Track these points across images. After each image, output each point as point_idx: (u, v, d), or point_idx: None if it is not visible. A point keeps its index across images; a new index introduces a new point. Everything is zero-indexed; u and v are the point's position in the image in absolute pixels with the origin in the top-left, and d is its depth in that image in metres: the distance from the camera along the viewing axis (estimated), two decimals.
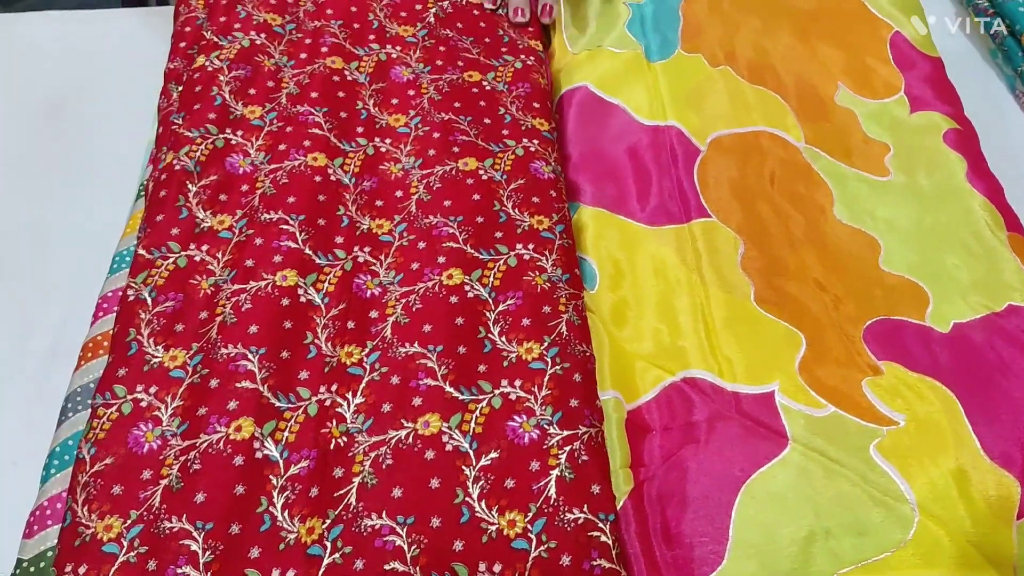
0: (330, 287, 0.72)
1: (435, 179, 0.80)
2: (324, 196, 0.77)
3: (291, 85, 0.85)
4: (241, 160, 0.79)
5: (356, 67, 0.88)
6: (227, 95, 0.83)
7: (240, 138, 0.80)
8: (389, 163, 0.82)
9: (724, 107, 0.88)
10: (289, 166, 0.78)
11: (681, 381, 0.70)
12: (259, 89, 0.85)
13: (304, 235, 0.74)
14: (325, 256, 0.74)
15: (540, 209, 0.77)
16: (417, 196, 0.79)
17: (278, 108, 0.83)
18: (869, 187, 0.83)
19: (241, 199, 0.76)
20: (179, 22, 0.94)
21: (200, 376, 0.65)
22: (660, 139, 0.86)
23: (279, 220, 0.74)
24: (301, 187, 0.77)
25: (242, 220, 0.75)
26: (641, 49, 0.93)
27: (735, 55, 0.93)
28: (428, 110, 0.86)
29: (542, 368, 0.67)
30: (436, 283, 0.72)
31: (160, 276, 0.71)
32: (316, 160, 0.79)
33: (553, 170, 0.81)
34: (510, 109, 0.86)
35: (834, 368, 0.70)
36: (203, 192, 0.77)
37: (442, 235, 0.75)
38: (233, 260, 0.72)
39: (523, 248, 0.74)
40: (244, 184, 0.77)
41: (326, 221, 0.76)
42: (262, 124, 0.82)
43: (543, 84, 0.90)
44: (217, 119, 0.81)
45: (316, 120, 0.82)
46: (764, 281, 0.76)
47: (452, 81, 0.89)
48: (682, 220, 0.80)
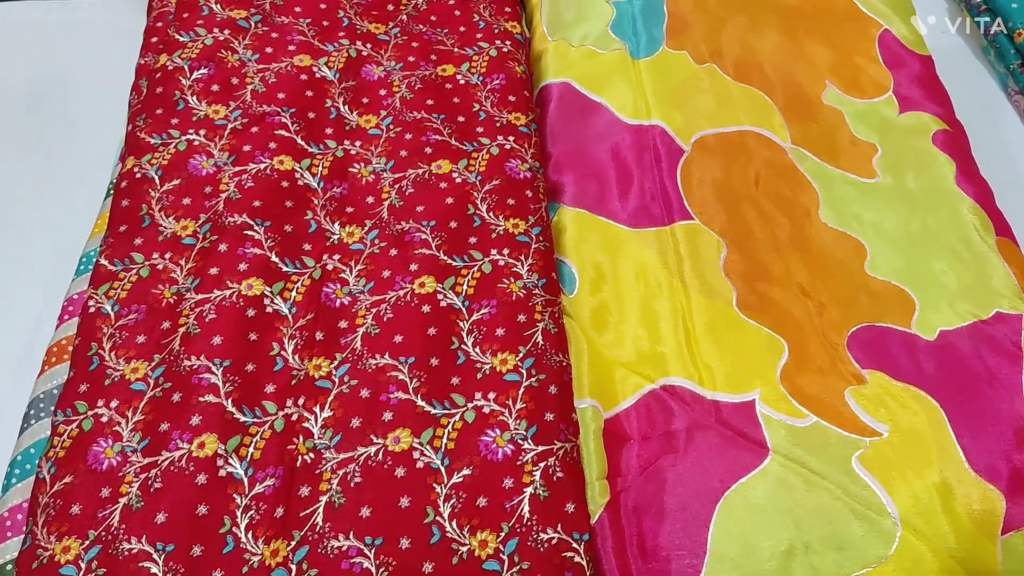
0: (298, 296, 0.70)
1: (407, 183, 0.77)
2: (291, 202, 0.75)
3: (256, 82, 0.83)
4: (204, 161, 0.77)
5: (325, 63, 0.86)
6: (189, 97, 0.81)
7: (203, 138, 0.78)
8: (359, 164, 0.79)
9: (709, 106, 0.86)
10: (254, 169, 0.76)
11: (660, 389, 0.68)
12: (223, 86, 0.82)
13: (270, 242, 0.72)
14: (292, 263, 0.72)
15: (516, 211, 0.75)
16: (389, 201, 0.76)
17: (243, 106, 0.81)
18: (856, 189, 0.81)
19: (204, 202, 0.74)
20: (152, 16, 0.92)
21: (162, 389, 0.63)
22: (643, 139, 0.84)
23: (244, 225, 0.72)
24: (267, 191, 0.75)
25: (206, 225, 0.73)
26: (625, 48, 0.91)
27: (721, 52, 0.91)
28: (400, 109, 0.83)
29: (517, 380, 0.65)
30: (408, 292, 0.70)
31: (123, 289, 0.69)
32: (282, 163, 0.77)
33: (530, 168, 0.79)
34: (485, 104, 0.84)
35: (817, 376, 0.68)
36: (166, 198, 0.74)
37: (414, 241, 0.73)
38: (197, 268, 0.70)
39: (498, 253, 0.72)
40: (207, 186, 0.75)
41: (293, 227, 0.74)
42: (226, 123, 0.79)
43: (519, 72, 0.88)
44: (180, 123, 0.79)
45: (283, 121, 0.80)
46: (747, 286, 0.74)
47: (425, 77, 0.87)
48: (664, 222, 0.78)
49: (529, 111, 0.85)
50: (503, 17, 0.93)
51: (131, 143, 0.79)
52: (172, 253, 0.71)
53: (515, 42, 0.91)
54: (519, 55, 0.90)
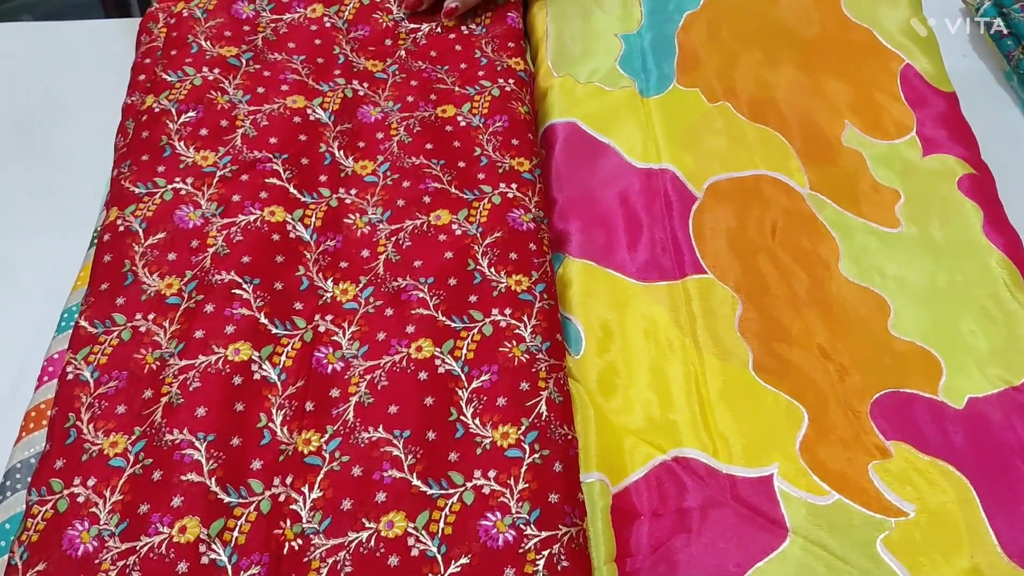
0: (287, 361, 0.66)
1: (404, 236, 0.73)
2: (282, 256, 0.71)
3: (247, 125, 0.79)
4: (191, 212, 0.73)
5: (320, 104, 0.82)
6: (177, 142, 0.77)
7: (190, 187, 0.74)
8: (355, 215, 0.75)
9: (722, 148, 0.82)
10: (244, 221, 0.72)
11: (672, 460, 0.64)
12: (211, 130, 0.78)
13: (259, 301, 0.68)
14: (283, 324, 0.68)
15: (518, 267, 0.71)
16: (385, 256, 0.72)
17: (232, 151, 0.77)
18: (878, 240, 0.77)
19: (190, 257, 0.70)
20: (140, 52, 0.88)
21: (142, 466, 0.60)
22: (653, 184, 0.80)
23: (231, 283, 0.68)
24: (257, 245, 0.71)
25: (192, 283, 0.69)
26: (635, 85, 0.87)
27: (735, 89, 0.87)
28: (398, 155, 0.79)
29: (519, 456, 0.61)
30: (404, 356, 0.66)
31: (103, 353, 0.65)
32: (273, 215, 0.73)
33: (534, 218, 0.75)
34: (486, 149, 0.80)
35: (839, 449, 0.64)
36: (150, 252, 0.70)
37: (411, 300, 0.69)
38: (181, 330, 0.66)
39: (499, 314, 0.68)
40: (194, 239, 0.71)
41: (284, 285, 0.70)
42: (215, 170, 0.75)
43: (523, 114, 0.84)
44: (166, 171, 0.75)
45: (274, 168, 0.76)
46: (764, 347, 0.70)
47: (424, 119, 0.82)
48: (676, 276, 0.74)
49: (533, 155, 0.81)
50: (506, 53, 0.89)
51: (115, 192, 0.75)
52: (156, 314, 0.67)
53: (519, 80, 0.87)
54: (523, 94, 0.86)
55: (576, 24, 0.93)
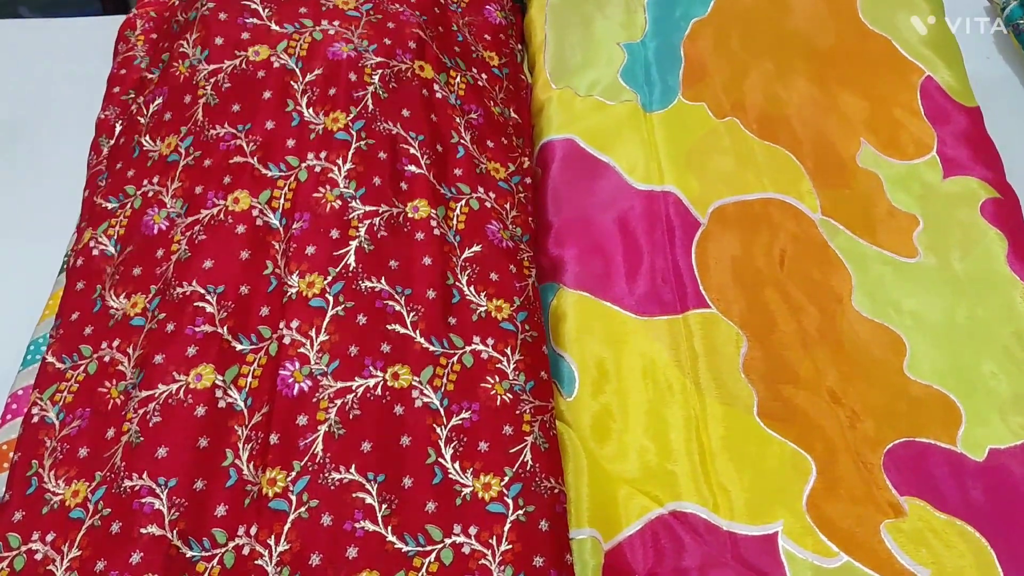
0: (253, 382, 0.61)
1: (380, 223, 0.68)
2: (248, 252, 0.66)
3: (208, 91, 0.74)
4: (156, 215, 0.68)
5: (284, 49, 0.76)
6: (144, 137, 0.72)
7: (156, 185, 0.69)
8: (324, 187, 0.70)
9: (729, 168, 0.78)
10: (207, 216, 0.68)
11: (670, 515, 0.60)
12: (175, 109, 0.73)
13: (223, 312, 0.64)
14: (248, 339, 0.63)
15: (499, 290, 0.67)
16: (358, 242, 0.67)
17: (195, 130, 0.72)
18: (894, 271, 0.72)
19: (155, 269, 0.66)
20: (116, 62, 0.84)
21: (101, 517, 0.56)
22: (655, 207, 0.75)
23: (193, 295, 0.64)
24: (220, 244, 0.66)
25: (155, 299, 0.64)
26: (637, 99, 0.82)
27: (744, 104, 0.82)
28: (373, 113, 0.73)
29: (502, 513, 0.57)
30: (379, 383, 0.61)
31: (69, 391, 0.61)
32: (238, 203, 0.68)
33: (512, 236, 0.71)
34: (464, 138, 0.75)
35: (848, 506, 0.60)
36: (118, 271, 0.66)
37: (387, 311, 0.64)
38: (142, 356, 0.62)
39: (481, 343, 0.64)
40: (159, 248, 0.67)
41: (250, 288, 0.65)
42: (178, 158, 0.70)
43: (496, 115, 0.78)
44: (135, 174, 0.71)
45: (237, 144, 0.71)
46: (769, 390, 0.65)
47: (401, 72, 0.76)
48: (677, 310, 0.69)
49: (508, 163, 0.76)
50: (481, 44, 0.84)
51: (87, 210, 0.71)
52: (120, 340, 0.63)
53: (492, 77, 0.81)
54: (496, 94, 0.80)
55: (576, 31, 0.88)
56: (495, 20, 0.87)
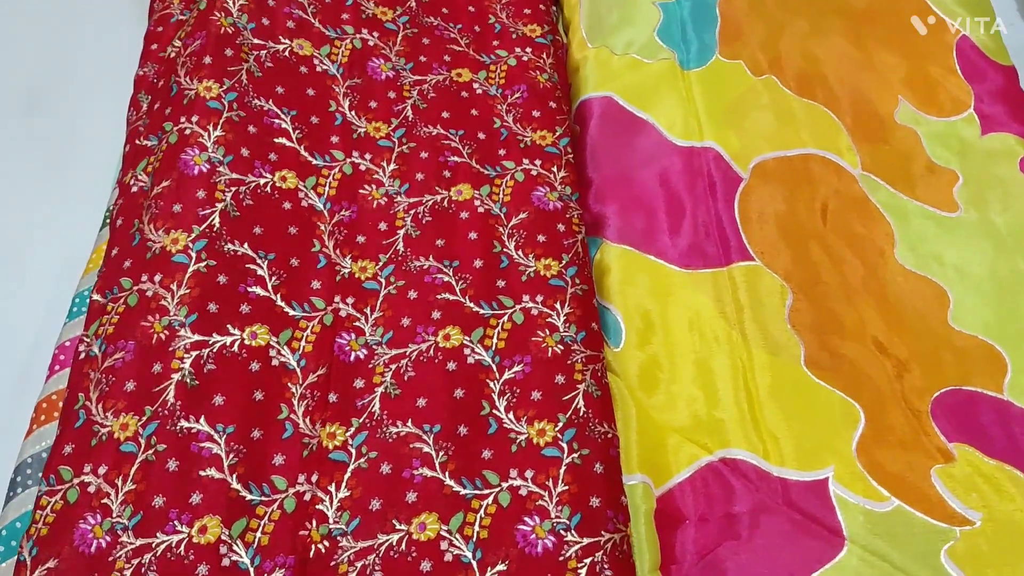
0: (307, 346, 0.62)
1: (424, 211, 0.69)
2: (296, 228, 0.67)
3: (251, 61, 0.74)
4: (196, 156, 0.67)
5: (327, 54, 0.77)
6: (183, 78, 0.72)
7: (195, 126, 0.69)
8: (370, 186, 0.71)
9: (769, 125, 0.78)
10: (253, 183, 0.68)
11: (719, 462, 0.61)
12: (215, 58, 0.73)
13: (275, 279, 0.64)
14: (300, 306, 0.64)
15: (548, 250, 0.67)
16: (404, 231, 0.69)
17: (238, 88, 0.72)
18: (936, 225, 0.72)
19: (197, 210, 0.65)
20: (153, 20, 0.84)
21: (155, 452, 0.56)
22: (695, 163, 0.75)
23: (245, 257, 0.64)
24: (269, 214, 0.67)
25: (200, 241, 0.64)
26: (674, 56, 0.82)
27: (780, 62, 0.82)
28: (413, 121, 0.75)
29: (557, 456, 0.57)
30: (431, 345, 0.62)
31: (110, 323, 0.61)
32: (285, 181, 0.69)
33: (560, 196, 0.71)
34: (506, 120, 0.76)
35: (898, 451, 0.60)
36: (155, 204, 0.66)
37: (435, 284, 0.65)
38: (191, 298, 0.62)
39: (530, 300, 0.64)
40: (200, 189, 0.66)
41: (300, 261, 0.66)
42: (220, 107, 0.70)
43: (543, 82, 0.79)
44: (172, 112, 0.70)
45: (283, 127, 0.72)
46: (816, 340, 0.66)
47: (439, 83, 0.78)
48: (721, 263, 0.70)
49: (556, 126, 0.76)
50: (521, 20, 0.84)
51: (130, 155, 0.71)
52: (162, 275, 0.63)
53: (536, 47, 0.82)
54: (542, 62, 0.81)
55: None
56: None
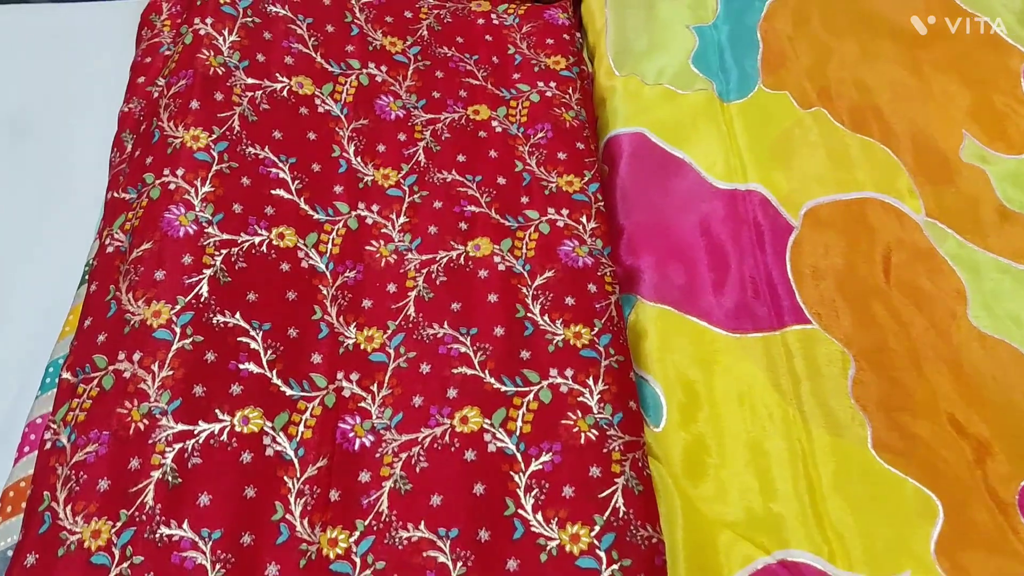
0: (306, 432, 0.55)
1: (438, 269, 0.62)
2: (295, 293, 0.60)
3: (245, 104, 0.66)
4: (182, 215, 0.60)
5: (330, 92, 0.70)
6: (166, 123, 0.64)
7: (181, 180, 0.61)
8: (378, 242, 0.64)
9: (820, 164, 0.70)
10: (247, 243, 0.60)
11: (778, 564, 0.53)
12: (203, 102, 0.65)
13: (271, 353, 0.57)
14: (299, 384, 0.56)
15: (578, 314, 0.60)
16: (416, 293, 0.61)
17: (230, 136, 0.64)
18: (1012, 280, 0.64)
19: (182, 279, 0.58)
20: (140, 49, 0.76)
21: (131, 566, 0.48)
22: (739, 208, 0.68)
23: (237, 329, 0.57)
24: (264, 279, 0.59)
25: (185, 314, 0.56)
26: (712, 87, 0.74)
27: (830, 92, 0.74)
28: (426, 166, 0.67)
29: (593, 568, 0.49)
30: (447, 430, 0.54)
31: (81, 408, 0.54)
32: (283, 239, 0.61)
33: (590, 251, 0.63)
34: (529, 163, 0.68)
35: (984, 554, 0.53)
36: (134, 269, 0.58)
37: (451, 355, 0.58)
38: (175, 380, 0.54)
39: (559, 375, 0.57)
40: (186, 254, 0.59)
41: (299, 331, 0.58)
42: (209, 159, 0.63)
43: (570, 120, 0.71)
44: (155, 162, 0.63)
45: (281, 176, 0.64)
46: (884, 418, 0.58)
47: (454, 122, 0.70)
48: (773, 326, 0.62)
49: (584, 170, 0.68)
50: (544, 51, 0.76)
51: (107, 209, 0.64)
52: (142, 353, 0.55)
53: (561, 81, 0.74)
54: (568, 97, 0.73)
55: (639, 13, 0.80)
56: (558, 22, 0.79)
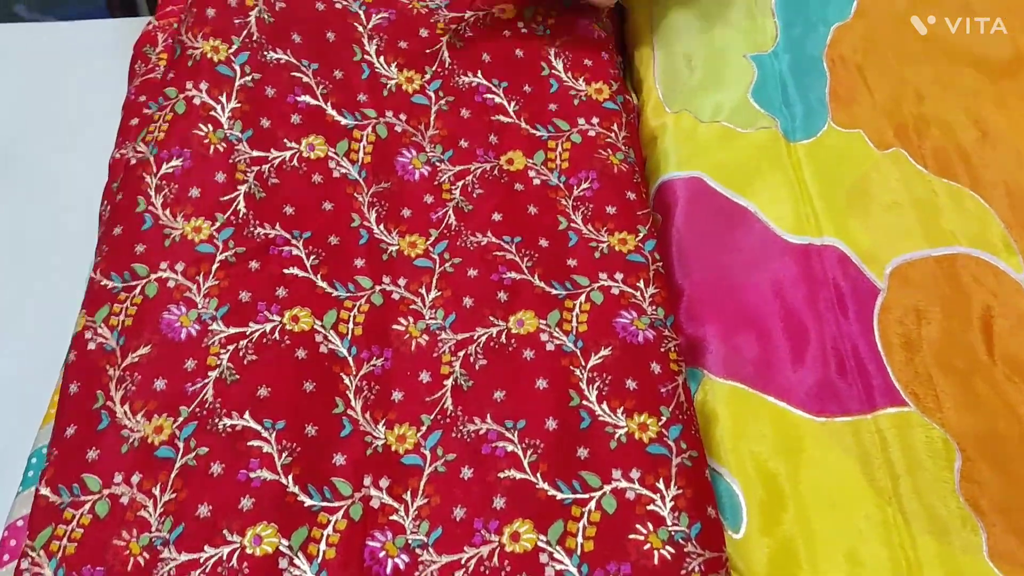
0: (328, 551, 0.47)
1: (477, 351, 0.54)
2: (313, 383, 0.52)
3: (251, 180, 0.59)
4: (183, 316, 0.53)
5: (345, 152, 0.62)
6: (160, 208, 0.57)
7: (180, 276, 0.55)
8: (406, 320, 0.56)
9: (904, 214, 0.62)
10: (256, 332, 0.53)
11: None
12: (204, 187, 0.58)
13: (286, 456, 0.49)
14: (319, 492, 0.49)
15: (641, 401, 0.52)
16: (452, 381, 0.53)
17: (235, 222, 0.57)
18: None
19: (184, 386, 0.51)
20: (133, 86, 0.68)
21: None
22: (815, 267, 0.59)
23: (245, 432, 0.49)
24: (277, 371, 0.52)
25: (188, 425, 0.50)
26: (776, 124, 0.66)
27: (908, 131, 0.66)
28: (457, 230, 0.60)
29: None
30: (494, 549, 0.47)
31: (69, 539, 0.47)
32: (297, 321, 0.54)
33: (652, 322, 0.55)
34: (574, 220, 0.60)
35: None
36: (129, 378, 0.51)
37: (497, 456, 0.50)
38: (176, 506, 0.47)
39: (623, 477, 0.49)
40: (189, 358, 0.52)
41: (318, 429, 0.51)
42: (213, 250, 0.56)
43: (618, 165, 0.63)
44: (146, 252, 0.55)
45: (294, 254, 0.56)
46: (1001, 520, 0.50)
47: (486, 174, 0.62)
48: (863, 408, 0.54)
49: (638, 225, 0.60)
50: (582, 75, 0.67)
51: (91, 293, 0.56)
52: (141, 475, 0.48)
53: (605, 116, 0.65)
54: (614, 136, 0.64)
55: (691, 40, 0.72)
56: (594, 35, 0.71)
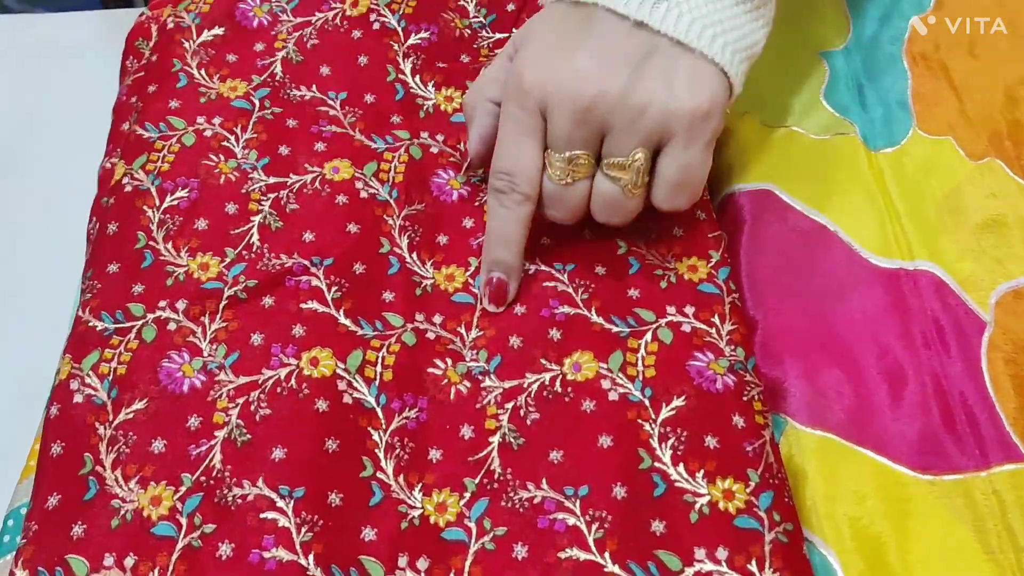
0: None
1: (528, 402, 0.46)
2: (336, 441, 0.45)
3: (266, 210, 0.52)
4: (185, 364, 0.46)
5: (374, 172, 0.55)
6: (161, 242, 0.50)
7: (183, 317, 0.47)
8: (444, 363, 0.48)
9: (1007, 234, 0.54)
10: (270, 380, 0.45)
11: None
12: (215, 221, 0.51)
13: (306, 531, 0.42)
14: (344, 574, 0.41)
15: (723, 462, 0.44)
16: (500, 437, 0.45)
17: (247, 256, 0.50)
18: None
19: (188, 448, 0.44)
20: (125, 86, 0.61)
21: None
22: (908, 296, 0.52)
23: (259, 500, 0.42)
24: (295, 432, 0.45)
25: (193, 497, 0.42)
26: (855, 129, 0.59)
27: (1003, 137, 0.59)
28: None
29: None
30: None
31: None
32: (317, 365, 0.46)
33: (731, 366, 0.48)
34: (636, 244, 0.52)
35: None
36: (122, 436, 0.44)
37: (556, 531, 0.42)
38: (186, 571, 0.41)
39: (706, 558, 0.41)
40: (193, 415, 0.45)
41: (343, 497, 0.43)
42: (221, 286, 0.49)
43: None
44: (148, 292, 0.48)
45: (314, 285, 0.49)
46: None
47: None
48: (977, 465, 0.46)
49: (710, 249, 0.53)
50: None
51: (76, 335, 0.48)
52: (137, 557, 0.41)
53: None
54: None
55: None
56: None
